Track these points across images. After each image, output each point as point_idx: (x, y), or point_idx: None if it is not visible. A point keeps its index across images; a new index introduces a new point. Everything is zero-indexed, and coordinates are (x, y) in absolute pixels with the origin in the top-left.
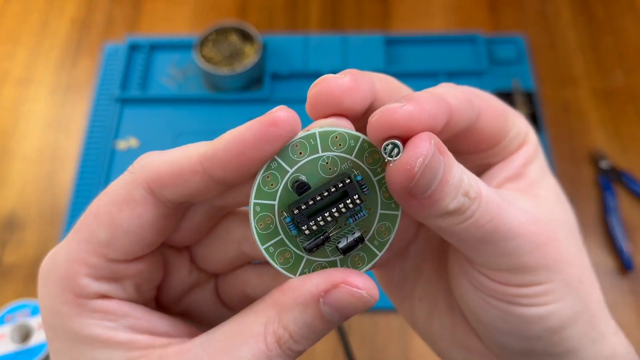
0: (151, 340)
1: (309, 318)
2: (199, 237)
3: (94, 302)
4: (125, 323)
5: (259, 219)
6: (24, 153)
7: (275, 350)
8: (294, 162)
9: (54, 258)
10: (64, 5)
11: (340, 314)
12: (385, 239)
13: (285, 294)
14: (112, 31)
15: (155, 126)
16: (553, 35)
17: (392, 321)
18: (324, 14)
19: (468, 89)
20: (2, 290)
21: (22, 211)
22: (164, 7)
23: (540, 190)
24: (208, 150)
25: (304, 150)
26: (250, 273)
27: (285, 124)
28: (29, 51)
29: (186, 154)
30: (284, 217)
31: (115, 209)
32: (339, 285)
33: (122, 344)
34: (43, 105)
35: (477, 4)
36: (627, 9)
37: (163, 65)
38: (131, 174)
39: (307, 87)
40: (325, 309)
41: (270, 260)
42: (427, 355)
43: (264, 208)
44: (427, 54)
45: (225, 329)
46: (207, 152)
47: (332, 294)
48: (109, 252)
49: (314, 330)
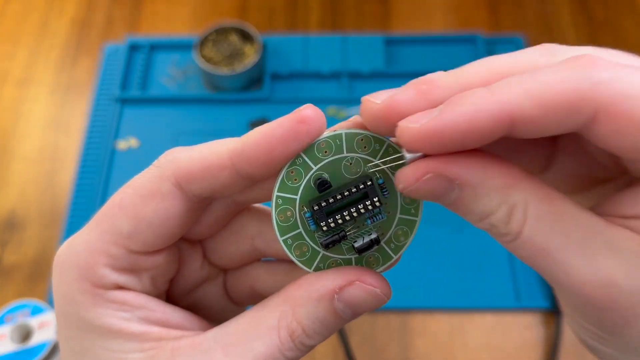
0: (164, 332)
1: (322, 313)
2: (215, 231)
3: (110, 292)
4: (139, 314)
5: (280, 211)
6: (24, 153)
7: (288, 344)
8: (319, 160)
9: (72, 247)
10: (64, 6)
11: (352, 311)
12: (401, 243)
13: (301, 288)
14: (112, 31)
15: (155, 126)
16: (553, 35)
17: (392, 321)
18: (324, 14)
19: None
20: (2, 290)
21: (22, 211)
22: (164, 7)
23: None
24: (238, 146)
25: (329, 149)
26: (260, 269)
27: (313, 121)
28: (29, 51)
29: (215, 149)
30: (304, 212)
31: (140, 201)
32: (354, 282)
33: (136, 335)
34: (43, 105)
35: (477, 5)
36: (627, 9)
37: (163, 66)
38: (158, 168)
39: (307, 87)
40: (339, 305)
41: (288, 251)
42: (427, 354)
43: (285, 201)
44: (427, 54)
45: (239, 322)
46: (236, 147)
47: (346, 290)
48: (130, 244)
49: (326, 326)
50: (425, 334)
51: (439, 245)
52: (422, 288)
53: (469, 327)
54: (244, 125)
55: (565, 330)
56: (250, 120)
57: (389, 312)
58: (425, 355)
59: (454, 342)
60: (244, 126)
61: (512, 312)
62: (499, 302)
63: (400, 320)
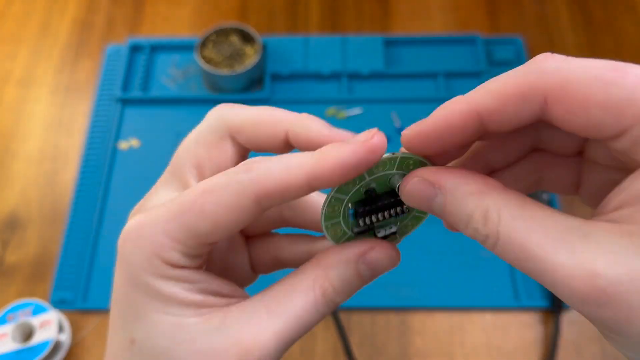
0: (217, 300)
1: (349, 274)
2: None
3: (176, 270)
4: (199, 287)
5: (330, 205)
6: (26, 153)
7: (320, 300)
8: (373, 174)
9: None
10: (65, 7)
11: (372, 272)
12: (407, 231)
13: (331, 255)
14: (114, 33)
15: (156, 126)
16: (552, 36)
17: (392, 320)
18: (323, 15)
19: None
20: (4, 289)
21: (24, 211)
22: (165, 9)
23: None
24: (315, 170)
25: (384, 167)
26: (283, 241)
27: (381, 150)
28: (30, 52)
29: (293, 171)
30: (349, 208)
31: (222, 211)
32: (374, 247)
33: (195, 303)
34: (44, 105)
35: (476, 6)
36: (626, 10)
37: (164, 66)
38: (239, 184)
39: (307, 87)
40: (362, 266)
41: (326, 232)
42: (426, 353)
43: (337, 200)
44: (426, 54)
45: (279, 285)
46: (314, 172)
47: (368, 254)
48: (202, 240)
49: (351, 286)
50: (425, 333)
51: (438, 245)
52: (421, 287)
53: (468, 326)
54: None
55: (564, 329)
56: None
57: (388, 311)
58: (425, 354)
59: (453, 341)
60: None
61: (511, 311)
62: (498, 302)
63: (399, 319)
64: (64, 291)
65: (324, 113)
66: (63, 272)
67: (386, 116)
